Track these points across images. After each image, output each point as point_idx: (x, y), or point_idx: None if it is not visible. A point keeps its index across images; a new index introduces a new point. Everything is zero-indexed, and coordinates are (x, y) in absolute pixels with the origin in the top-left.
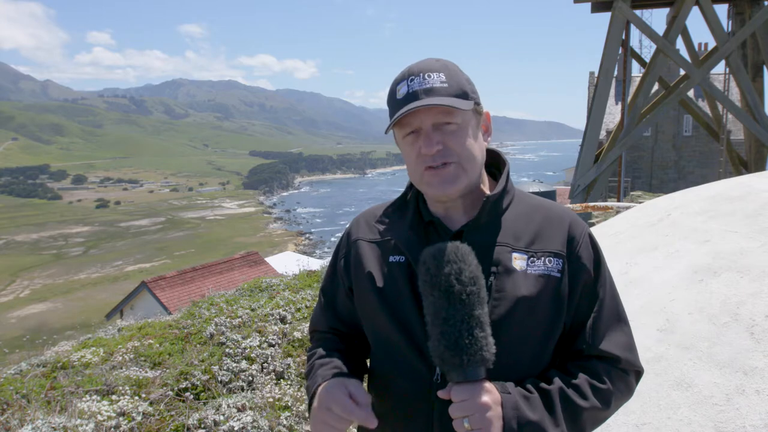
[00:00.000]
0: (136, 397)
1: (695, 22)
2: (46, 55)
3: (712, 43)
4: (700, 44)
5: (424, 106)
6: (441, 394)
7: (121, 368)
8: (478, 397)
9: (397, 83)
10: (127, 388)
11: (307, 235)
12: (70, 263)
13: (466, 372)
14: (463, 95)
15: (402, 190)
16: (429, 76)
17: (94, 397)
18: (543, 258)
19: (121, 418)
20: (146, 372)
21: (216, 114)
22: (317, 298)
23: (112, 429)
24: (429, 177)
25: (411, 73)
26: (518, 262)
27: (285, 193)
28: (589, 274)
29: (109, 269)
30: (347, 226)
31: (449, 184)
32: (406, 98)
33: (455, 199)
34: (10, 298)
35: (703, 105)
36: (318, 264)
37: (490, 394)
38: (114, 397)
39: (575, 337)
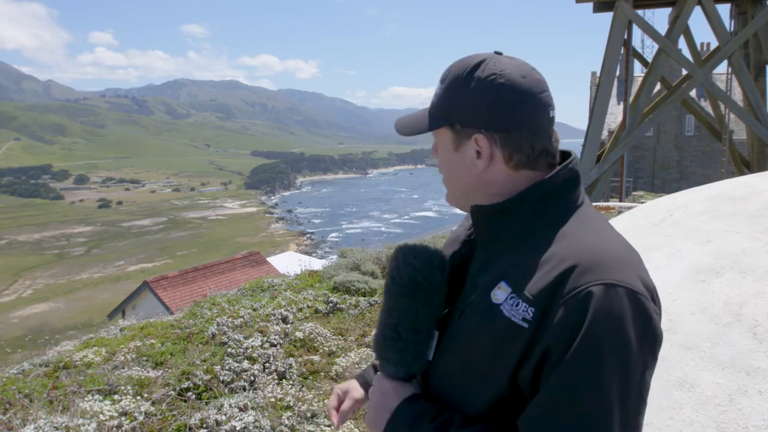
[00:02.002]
0: (138, 397)
1: (697, 21)
2: (49, 55)
3: (714, 43)
4: (702, 44)
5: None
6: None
7: (123, 368)
8: (375, 391)
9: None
10: (129, 387)
11: (309, 235)
12: (72, 263)
13: (379, 364)
14: (437, 114)
15: (403, 189)
16: (439, 83)
17: (96, 396)
18: (518, 299)
19: (123, 418)
20: (148, 372)
21: (218, 114)
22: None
23: (114, 429)
24: None
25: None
26: (499, 293)
27: (287, 193)
28: (557, 345)
29: (111, 269)
30: None
31: (446, 194)
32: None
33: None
34: (12, 298)
35: (706, 105)
36: (320, 264)
37: (384, 394)
38: (116, 396)
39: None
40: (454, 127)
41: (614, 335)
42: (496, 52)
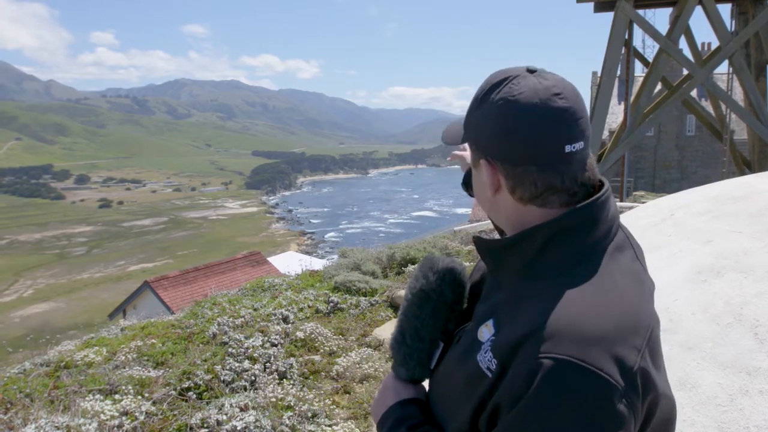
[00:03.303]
0: (139, 397)
1: (698, 21)
2: (50, 55)
3: (715, 43)
4: (703, 44)
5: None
6: None
7: (124, 368)
8: (381, 385)
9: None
10: (130, 387)
11: (310, 235)
12: (73, 263)
13: (392, 365)
14: (466, 136)
15: (403, 189)
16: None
17: (97, 396)
18: (491, 344)
19: (124, 418)
20: (149, 371)
21: (219, 114)
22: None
23: (115, 428)
24: None
25: None
26: (485, 331)
27: (287, 193)
28: (504, 405)
29: (112, 269)
30: None
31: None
32: None
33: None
34: (13, 298)
35: (706, 105)
36: (320, 264)
37: (386, 390)
38: (117, 396)
39: None
40: (472, 146)
41: (550, 415)
42: (529, 70)
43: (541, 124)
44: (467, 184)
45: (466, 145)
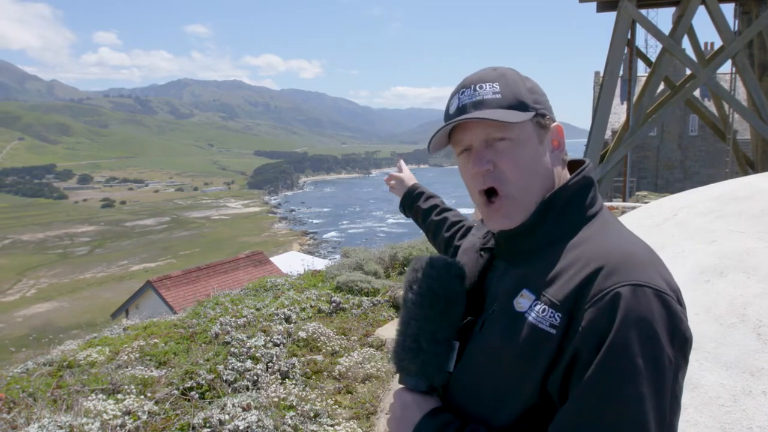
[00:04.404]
0: (142, 396)
1: (701, 21)
2: (53, 55)
3: (718, 43)
4: (706, 44)
5: (461, 120)
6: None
7: (127, 367)
8: (395, 404)
9: (450, 97)
10: (132, 387)
11: (312, 235)
12: (75, 263)
13: (399, 376)
14: (520, 106)
15: None
16: (481, 87)
17: (100, 395)
18: (543, 305)
19: (126, 417)
20: (151, 371)
21: (221, 114)
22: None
23: (118, 428)
24: (486, 211)
25: (463, 85)
26: (522, 301)
27: (290, 193)
28: (586, 348)
29: (115, 269)
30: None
31: (502, 220)
32: (456, 113)
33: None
34: (16, 297)
35: (709, 105)
36: (323, 263)
37: (405, 407)
38: (119, 396)
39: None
40: (537, 119)
41: (644, 337)
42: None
43: None
44: (405, 206)
45: (402, 165)
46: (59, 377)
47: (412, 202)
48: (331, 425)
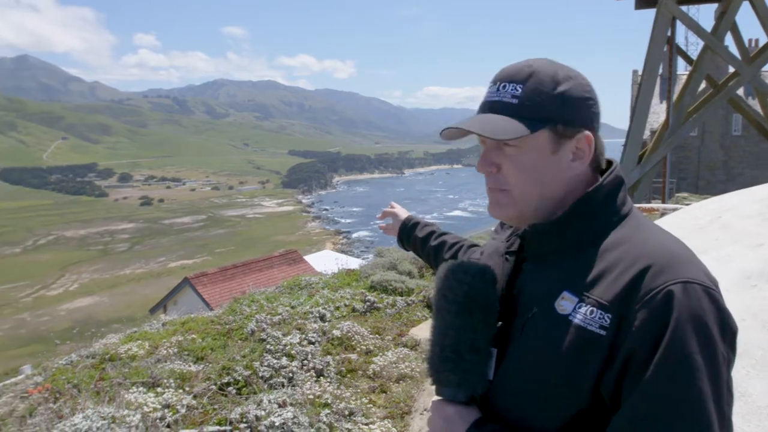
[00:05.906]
0: (180, 390)
1: (746, 17)
2: (95, 57)
3: (763, 39)
4: (750, 40)
5: (454, 127)
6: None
7: (166, 361)
8: (436, 418)
9: (488, 86)
10: (171, 381)
11: (345, 234)
12: (115, 259)
13: (436, 388)
14: (533, 116)
15: (439, 189)
16: (504, 87)
17: (141, 388)
18: (589, 306)
19: (166, 410)
20: (189, 366)
21: (256, 114)
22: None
23: (158, 420)
24: (489, 197)
25: (496, 78)
26: (565, 303)
27: (323, 192)
28: (642, 348)
29: (153, 265)
30: None
31: (495, 209)
32: (480, 108)
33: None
34: (59, 291)
35: (754, 103)
36: (356, 263)
37: (448, 420)
38: (159, 389)
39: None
40: (555, 128)
41: (700, 333)
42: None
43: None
44: (402, 239)
45: (394, 204)
46: (102, 370)
47: (408, 232)
48: (366, 424)
